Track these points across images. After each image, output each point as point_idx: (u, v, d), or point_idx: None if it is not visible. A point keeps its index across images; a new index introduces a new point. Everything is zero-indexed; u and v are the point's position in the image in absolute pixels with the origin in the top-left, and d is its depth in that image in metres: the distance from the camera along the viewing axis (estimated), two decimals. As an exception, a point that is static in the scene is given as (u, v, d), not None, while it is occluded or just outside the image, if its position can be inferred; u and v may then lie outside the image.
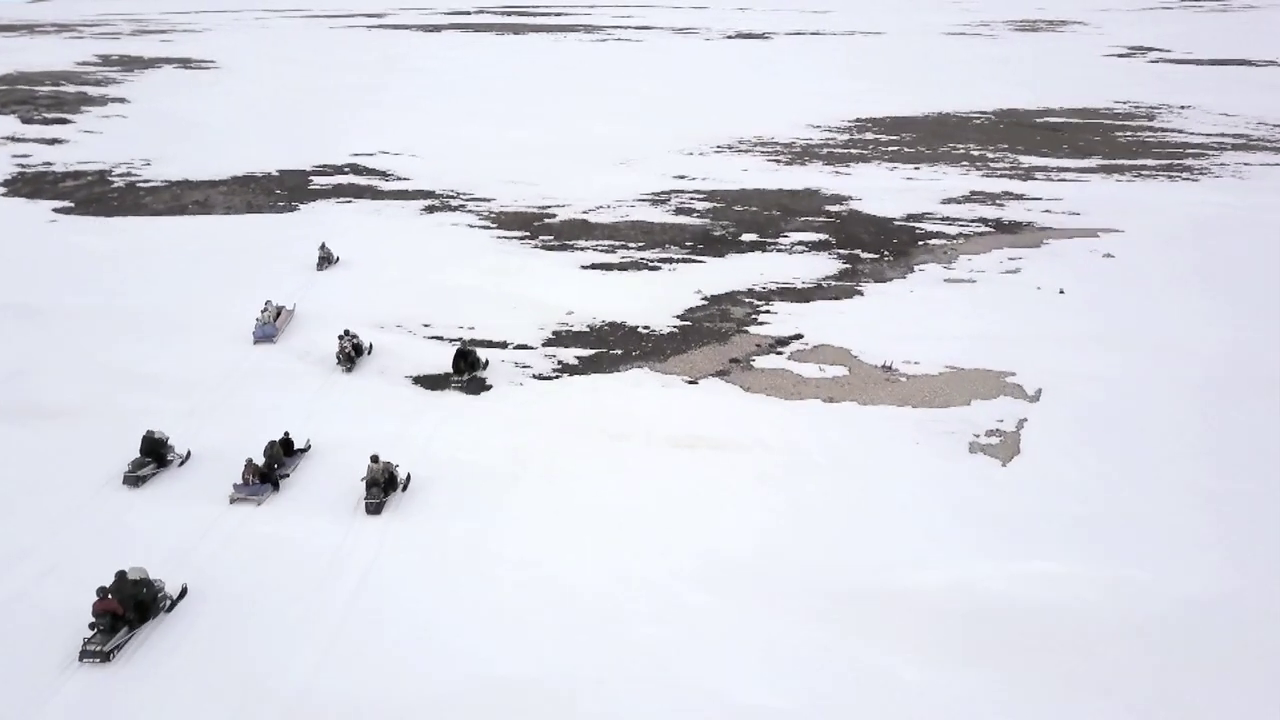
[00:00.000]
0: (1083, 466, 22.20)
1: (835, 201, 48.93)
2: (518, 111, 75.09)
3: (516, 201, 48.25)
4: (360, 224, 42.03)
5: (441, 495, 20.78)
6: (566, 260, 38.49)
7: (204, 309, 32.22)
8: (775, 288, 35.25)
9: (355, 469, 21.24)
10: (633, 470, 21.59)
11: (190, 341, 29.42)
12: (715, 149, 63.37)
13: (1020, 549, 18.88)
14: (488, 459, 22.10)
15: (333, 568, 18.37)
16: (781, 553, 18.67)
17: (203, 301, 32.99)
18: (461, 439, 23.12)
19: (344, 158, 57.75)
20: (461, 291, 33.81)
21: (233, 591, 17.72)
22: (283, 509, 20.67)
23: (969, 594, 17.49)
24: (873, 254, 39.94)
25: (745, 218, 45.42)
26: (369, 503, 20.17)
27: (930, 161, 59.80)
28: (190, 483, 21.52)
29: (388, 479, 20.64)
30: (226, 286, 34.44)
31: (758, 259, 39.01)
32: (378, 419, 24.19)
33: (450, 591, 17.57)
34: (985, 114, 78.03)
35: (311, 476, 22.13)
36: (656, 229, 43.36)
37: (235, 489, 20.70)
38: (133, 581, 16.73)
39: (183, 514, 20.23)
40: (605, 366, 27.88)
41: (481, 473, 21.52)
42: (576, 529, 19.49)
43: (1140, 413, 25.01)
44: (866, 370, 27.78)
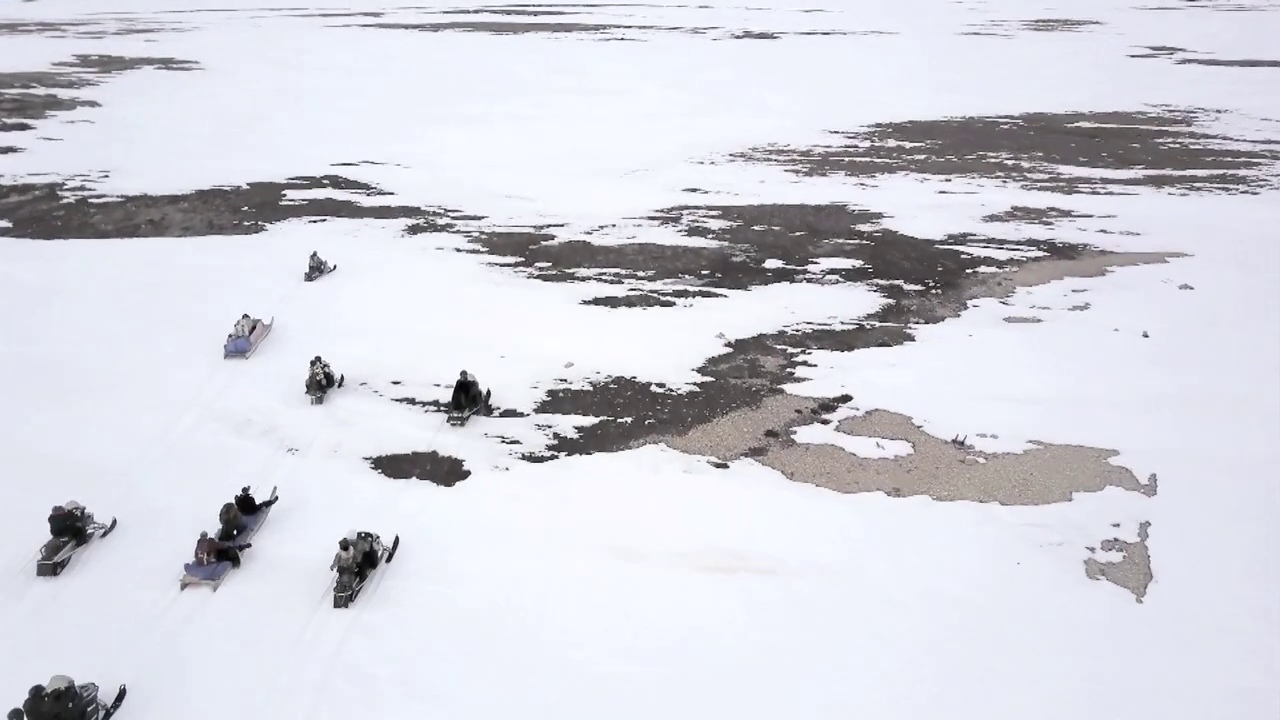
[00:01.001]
0: (1242, 599, 16.69)
1: (865, 219, 43.35)
2: (515, 115, 69.46)
3: (511, 220, 42.67)
4: (331, 249, 36.43)
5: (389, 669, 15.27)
6: (565, 294, 32.93)
7: (139, 356, 26.77)
8: (810, 330, 29.68)
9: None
10: (649, 614, 16.04)
11: (114, 401, 23.98)
12: (728, 158, 57.81)
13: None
14: (455, 600, 16.53)
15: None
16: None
17: (139, 347, 27.52)
18: (424, 563, 17.57)
19: (324, 168, 52.16)
20: (442, 337, 28.25)
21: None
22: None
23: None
24: (917, 285, 34.38)
25: (767, 240, 39.84)
26: (338, 595, 16.69)
27: (962, 172, 54.21)
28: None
29: (364, 559, 17.13)
30: (167, 329, 28.93)
31: (786, 292, 33.45)
32: (319, 525, 18.66)
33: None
34: (1013, 118, 72.42)
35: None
36: (668, 254, 37.80)
37: (187, 570, 17.33)
38: (53, 696, 13.74)
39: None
40: (612, 441, 22.34)
41: (446, 623, 15.97)
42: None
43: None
44: (934, 446, 22.25)
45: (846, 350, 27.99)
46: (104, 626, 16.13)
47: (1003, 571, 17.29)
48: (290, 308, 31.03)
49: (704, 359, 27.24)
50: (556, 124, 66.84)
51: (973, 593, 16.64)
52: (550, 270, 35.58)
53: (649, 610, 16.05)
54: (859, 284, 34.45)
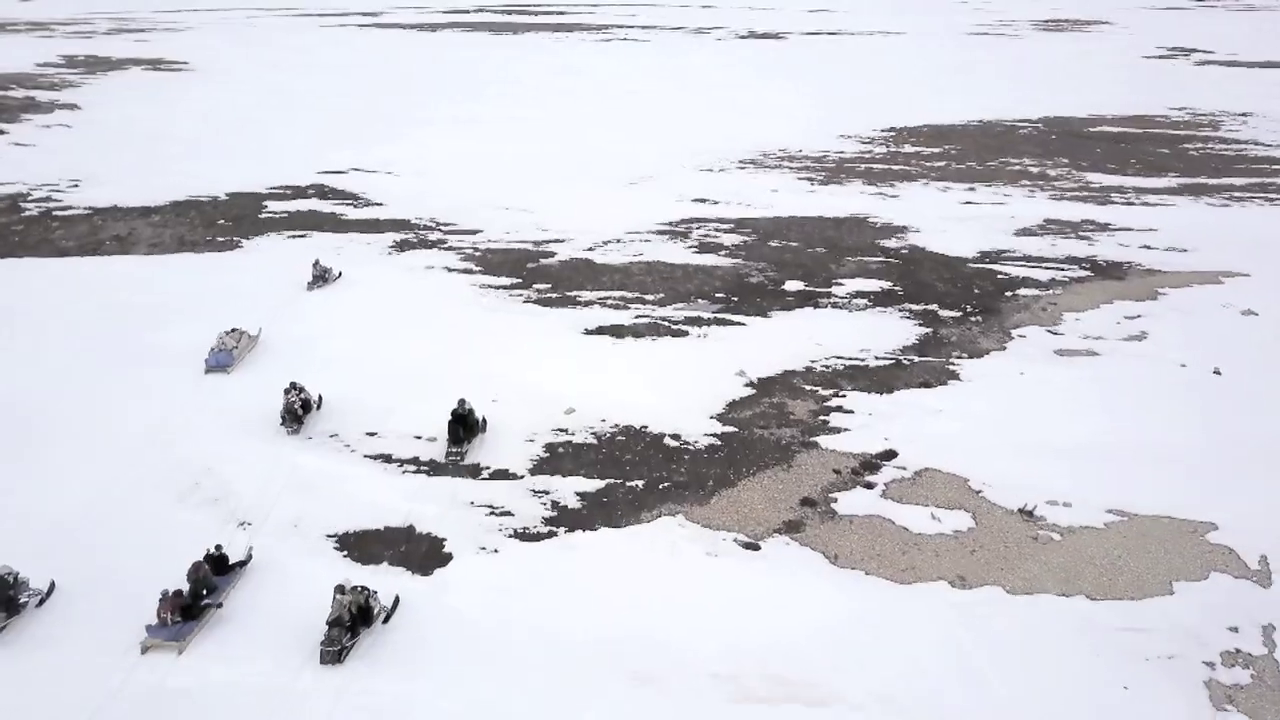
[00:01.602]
0: None
1: (889, 234, 39.85)
2: (514, 120, 65.92)
3: (508, 235, 39.17)
4: (306, 271, 32.94)
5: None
6: (566, 321, 29.42)
7: (87, 393, 23.35)
8: (842, 366, 26.18)
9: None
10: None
11: (58, 445, 20.64)
12: (738, 164, 54.29)
13: None
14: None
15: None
16: None
17: (88, 383, 24.11)
18: (389, 694, 14.07)
19: (310, 176, 48.64)
20: (426, 375, 24.75)
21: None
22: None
23: None
24: (954, 311, 30.88)
25: (785, 257, 36.34)
26: (325, 649, 14.82)
27: (986, 180, 50.71)
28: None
29: (359, 612, 15.23)
30: (120, 362, 25.49)
31: (810, 319, 29.94)
32: (268, 630, 15.21)
33: None
34: (1032, 122, 68.88)
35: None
36: (678, 274, 34.30)
37: (149, 631, 15.38)
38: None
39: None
40: (620, 512, 18.85)
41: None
42: None
43: None
44: (999, 518, 18.78)
45: (885, 392, 24.49)
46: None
47: (1109, 701, 13.83)
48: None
49: (723, 403, 23.75)
50: (557, 127, 63.31)
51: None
52: (550, 293, 32.08)
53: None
54: (890, 310, 30.94)
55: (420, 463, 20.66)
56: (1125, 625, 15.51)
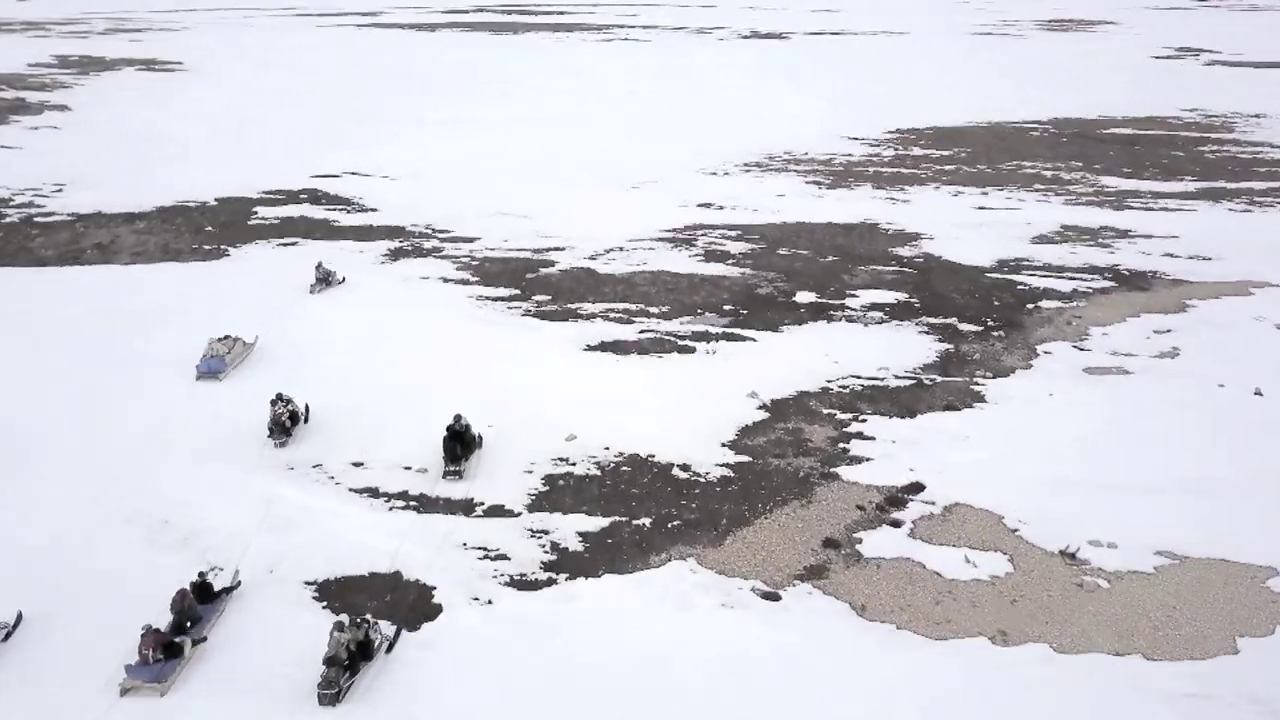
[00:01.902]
0: None
1: (902, 241, 38.23)
2: (513, 121, 64.30)
3: (506, 242, 37.55)
4: (298, 279, 31.35)
5: None
6: (567, 337, 27.78)
7: (61, 412, 21.77)
8: (860, 387, 24.55)
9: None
10: None
11: (25, 471, 19.06)
12: (742, 167, 52.68)
13: None
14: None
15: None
16: None
17: (61, 401, 22.54)
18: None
19: (303, 180, 47.01)
20: (419, 398, 23.12)
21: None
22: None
23: None
24: (974, 325, 29.25)
25: (795, 266, 34.72)
26: (322, 691, 13.66)
27: (998, 184, 49.10)
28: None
29: (358, 648, 14.07)
30: (100, 378, 23.93)
31: (824, 333, 28.32)
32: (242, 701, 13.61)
33: None
34: (1041, 123, 67.25)
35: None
36: (684, 284, 32.67)
37: (129, 672, 14.08)
38: None
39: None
40: (626, 555, 17.21)
41: None
42: None
43: None
44: (1038, 561, 17.17)
45: (907, 416, 22.85)
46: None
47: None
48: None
49: (735, 428, 22.12)
50: (557, 129, 61.66)
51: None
52: (550, 306, 30.45)
53: None
54: (907, 323, 29.31)
55: (409, 497, 19.04)
56: (1189, 690, 13.91)
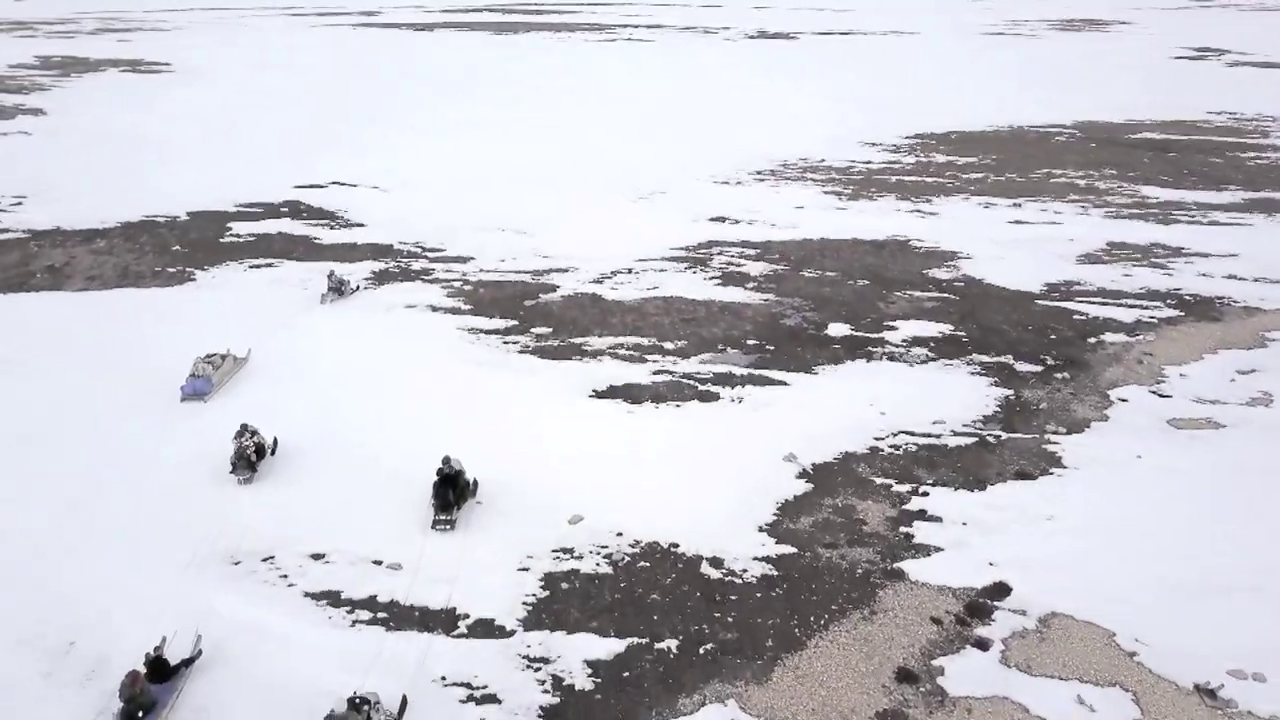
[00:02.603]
0: None
1: (937, 261, 34.46)
2: (511, 126, 60.48)
3: (503, 263, 33.78)
4: (264, 310, 27.58)
5: None
6: (571, 380, 23.98)
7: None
8: (915, 447, 20.76)
9: None
10: None
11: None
12: (755, 175, 48.90)
13: None
14: None
15: None
16: None
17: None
18: None
19: (285, 191, 43.24)
20: (391, 465, 19.33)
21: None
22: None
23: None
24: (1032, 364, 25.45)
25: (824, 292, 30.94)
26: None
27: (1031, 195, 45.30)
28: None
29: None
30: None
31: (865, 376, 24.52)
32: None
33: None
34: (1065, 128, 63.46)
35: None
36: (701, 314, 28.88)
37: None
38: None
39: None
40: (649, 700, 13.40)
41: None
42: None
43: None
44: (1170, 702, 13.39)
45: (976, 487, 19.06)
46: None
47: None
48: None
49: (774, 504, 18.32)
50: (558, 134, 57.87)
51: None
52: (551, 340, 26.66)
53: None
54: (957, 362, 25.51)
55: (378, 605, 15.26)
56: None
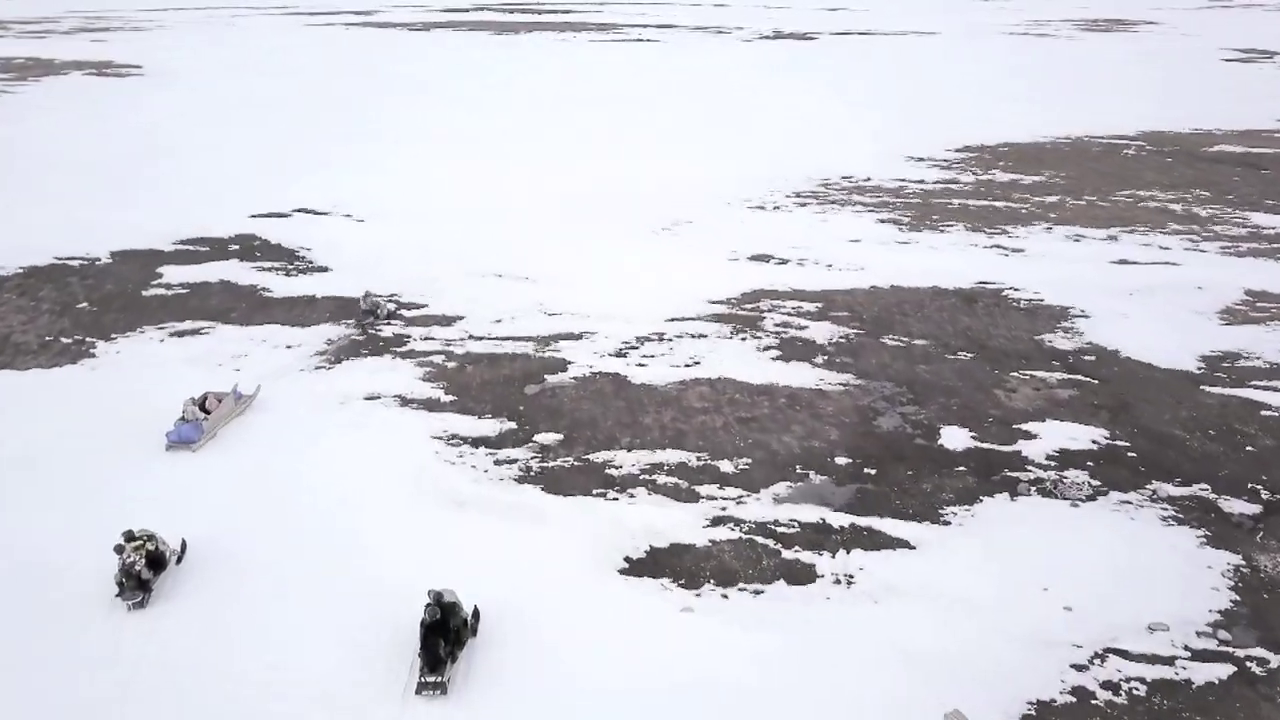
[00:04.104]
0: None
1: (1047, 321, 26.60)
2: (511, 140, 52.54)
3: (499, 324, 25.91)
4: (170, 408, 19.66)
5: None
6: (590, 539, 16.05)
7: None
8: (1139, 686, 12.86)
9: None
10: None
11: None
12: (795, 198, 41.06)
13: None
14: None
15: None
16: None
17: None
18: None
19: (239, 220, 35.40)
20: (344, 605, 11.59)
21: None
22: None
23: None
24: (1249, 502, 17.53)
25: (918, 371, 23.06)
26: None
27: (1123, 224, 37.46)
28: None
29: None
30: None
31: (1015, 527, 16.59)
32: None
33: None
34: (1129, 138, 55.56)
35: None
36: (764, 409, 20.99)
37: None
38: None
39: None
40: None
41: None
42: None
43: None
44: None
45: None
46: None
47: None
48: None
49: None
50: (565, 148, 49.96)
51: None
52: (561, 459, 18.77)
53: None
54: (1136, 498, 17.62)
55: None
56: None
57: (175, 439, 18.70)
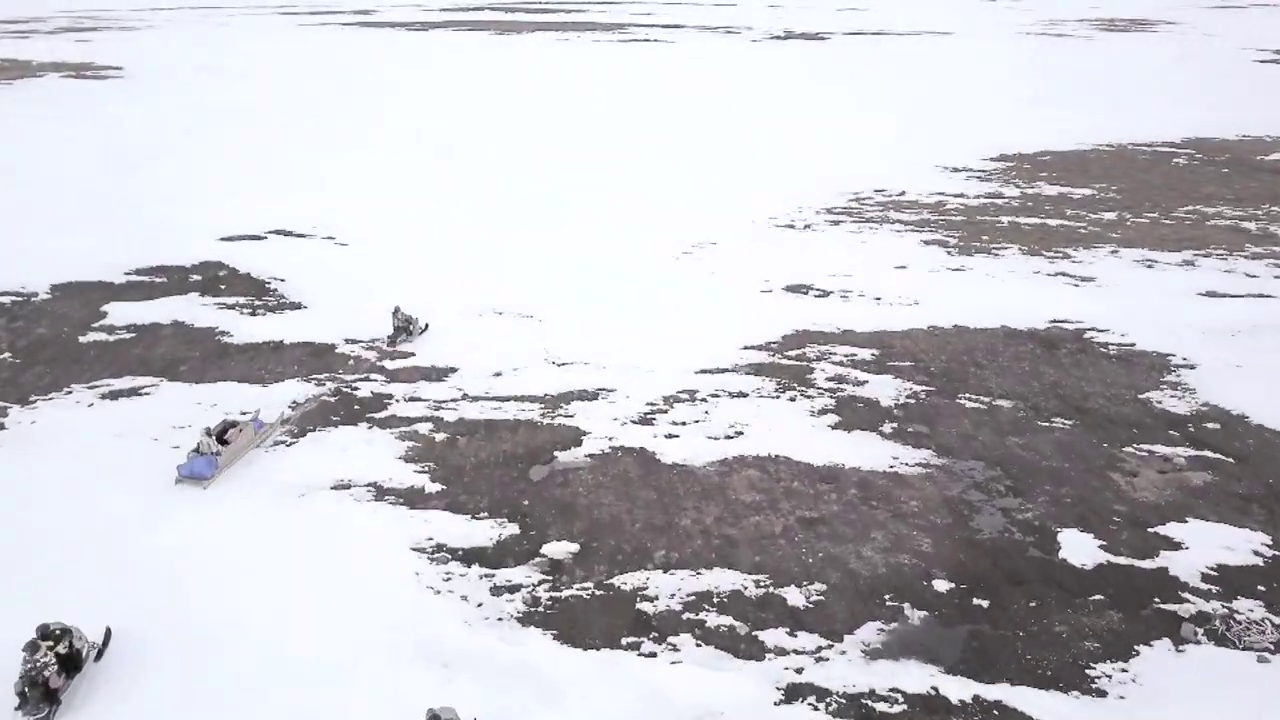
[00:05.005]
0: None
1: (1146, 373, 22.13)
2: (513, 146, 48.06)
3: (500, 379, 21.45)
4: (85, 502, 15.25)
5: None
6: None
7: None
8: None
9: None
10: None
11: None
12: (826, 216, 36.65)
13: None
14: None
15: None
16: None
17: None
18: None
19: (206, 244, 30.97)
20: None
21: None
22: None
23: None
24: None
25: (1010, 446, 18.56)
26: None
27: (1195, 245, 33.07)
28: None
29: None
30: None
31: (1195, 699, 12.13)
32: None
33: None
34: (1176, 147, 51.13)
35: None
36: (832, 505, 16.48)
37: None
38: None
39: None
40: None
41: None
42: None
43: None
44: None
45: None
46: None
47: None
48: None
49: None
50: (570, 159, 45.49)
51: None
52: (577, 584, 14.28)
53: None
54: (1340, 646, 13.16)
55: None
56: None
57: (186, 473, 16.98)
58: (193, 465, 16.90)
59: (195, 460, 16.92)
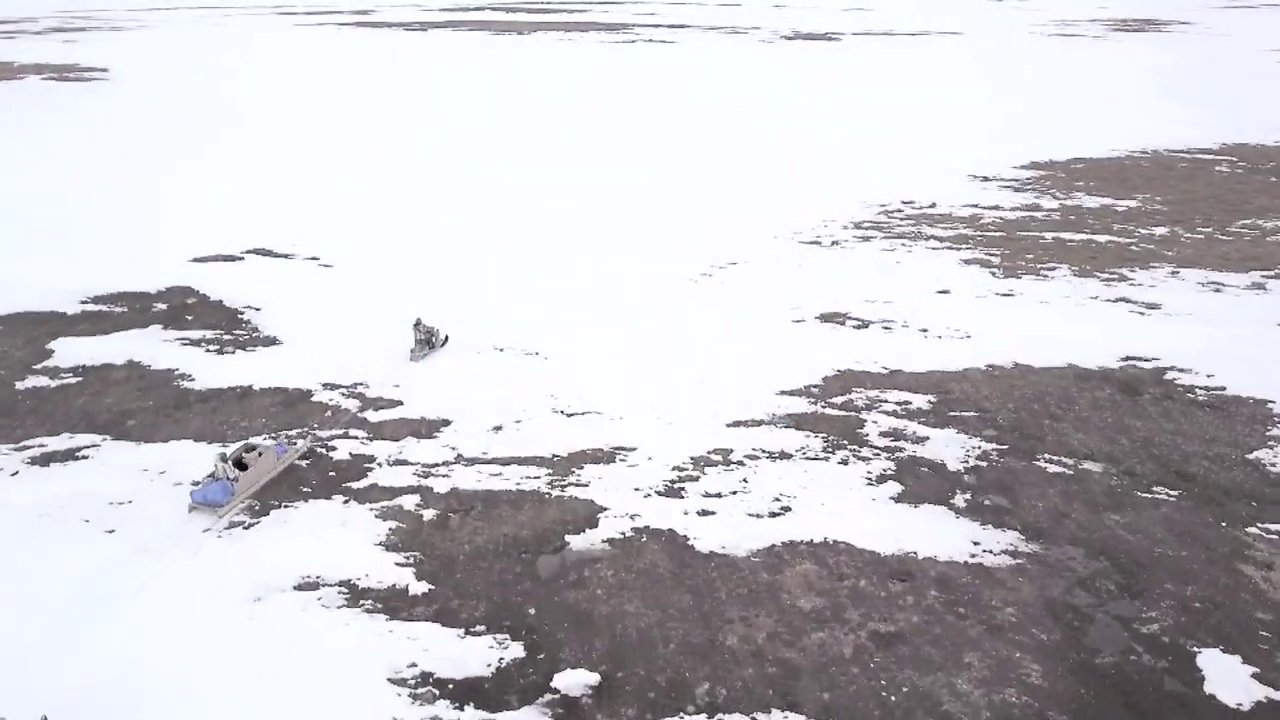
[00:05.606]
0: None
1: (1248, 426, 18.94)
2: (511, 154, 44.88)
3: (498, 435, 18.22)
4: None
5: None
6: None
7: None
8: None
9: None
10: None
11: None
12: (854, 230, 33.53)
13: None
14: None
15: None
16: None
17: None
18: None
19: (178, 266, 27.80)
20: None
21: None
22: None
23: None
24: None
25: (1111, 526, 15.33)
26: None
27: (1262, 265, 30.04)
28: None
29: None
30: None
31: None
32: None
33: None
34: (1215, 154, 48.11)
35: None
36: (908, 620, 13.21)
37: None
38: None
39: None
40: None
41: None
42: None
43: None
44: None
45: None
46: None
47: None
48: None
49: None
50: (575, 170, 42.31)
51: None
52: (602, 735, 11.12)
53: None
54: None
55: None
56: None
57: (200, 499, 15.89)
58: (206, 491, 15.52)
59: (210, 486, 15.52)
